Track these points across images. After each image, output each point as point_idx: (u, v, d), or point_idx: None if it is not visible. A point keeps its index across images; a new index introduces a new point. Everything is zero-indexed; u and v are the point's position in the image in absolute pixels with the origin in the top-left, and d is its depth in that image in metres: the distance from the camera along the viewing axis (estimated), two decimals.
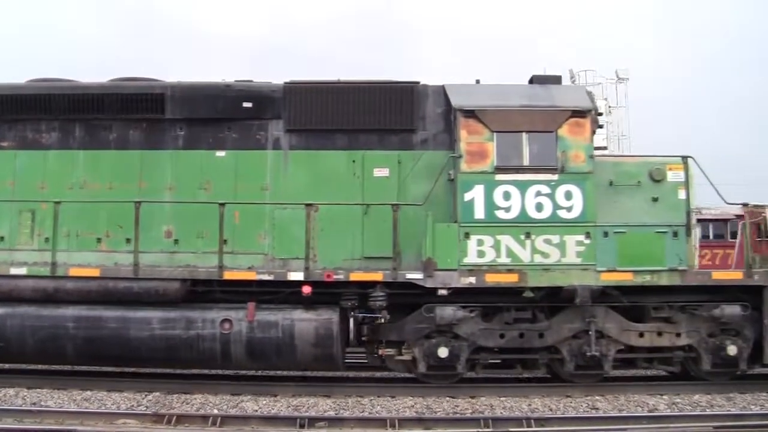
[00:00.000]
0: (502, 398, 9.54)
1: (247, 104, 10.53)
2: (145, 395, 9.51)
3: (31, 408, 8.79)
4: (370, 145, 10.58)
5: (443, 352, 9.99)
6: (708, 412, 8.92)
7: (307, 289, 9.87)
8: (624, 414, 8.87)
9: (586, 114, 10.23)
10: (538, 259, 9.97)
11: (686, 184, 10.59)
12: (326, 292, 10.03)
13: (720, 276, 10.34)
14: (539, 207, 10.02)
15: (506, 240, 9.97)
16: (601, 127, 11.36)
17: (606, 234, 10.06)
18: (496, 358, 10.47)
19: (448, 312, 9.95)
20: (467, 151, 10.07)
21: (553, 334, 10.21)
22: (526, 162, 10.10)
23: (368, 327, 10.40)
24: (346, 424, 8.29)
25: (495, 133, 10.09)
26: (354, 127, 10.58)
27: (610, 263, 10.01)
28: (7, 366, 11.14)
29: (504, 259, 9.96)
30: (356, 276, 9.95)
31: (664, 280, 10.10)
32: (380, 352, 10.31)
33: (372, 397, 9.55)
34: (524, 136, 10.13)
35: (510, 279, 9.94)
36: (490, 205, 9.98)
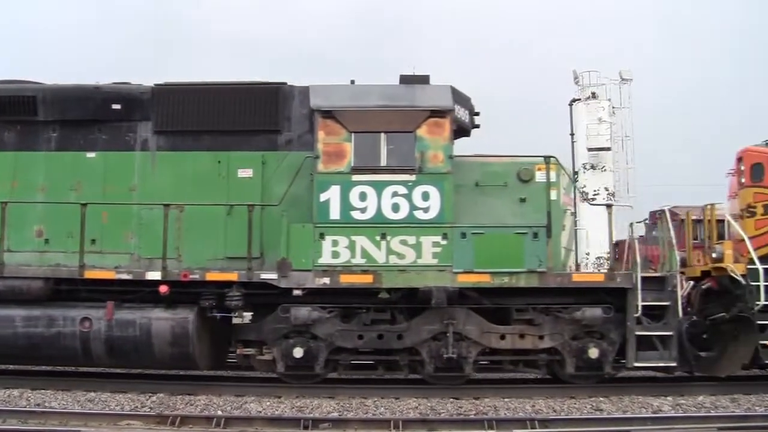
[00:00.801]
0: (506, 399, 9.54)
1: (116, 106, 10.70)
2: (149, 396, 9.56)
3: (35, 409, 8.83)
4: (235, 146, 10.66)
5: (298, 352, 10.01)
6: (712, 413, 8.85)
7: (163, 288, 9.98)
8: (628, 415, 8.83)
9: (446, 114, 10.16)
10: (394, 260, 9.93)
11: (557, 184, 10.48)
12: (188, 292, 10.14)
13: (580, 278, 10.21)
14: (395, 208, 9.98)
15: (361, 241, 9.95)
16: (477, 127, 11.15)
17: (464, 235, 9.97)
18: (355, 359, 10.46)
19: (302, 312, 9.97)
20: (324, 152, 10.08)
21: (412, 335, 10.16)
22: (383, 162, 10.08)
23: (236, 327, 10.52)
24: (350, 426, 8.30)
25: (353, 134, 10.09)
26: (220, 128, 10.68)
27: (467, 265, 9.93)
28: (11, 367, 11.37)
29: (359, 260, 9.94)
30: (212, 276, 10.04)
31: (523, 282, 9.99)
32: (238, 351, 10.38)
33: (376, 399, 9.55)
34: (382, 136, 10.10)
35: (364, 280, 9.93)
36: (346, 206, 9.98)
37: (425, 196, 10.01)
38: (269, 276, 9.95)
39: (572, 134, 24.58)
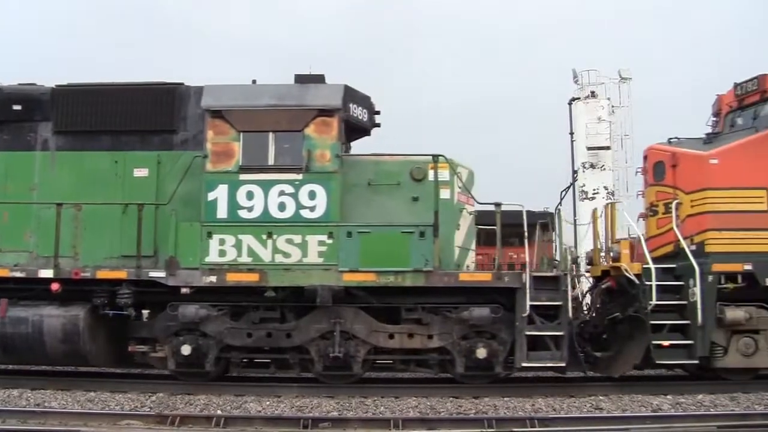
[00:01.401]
0: (505, 398, 9.55)
1: (16, 107, 10.85)
2: (149, 396, 9.60)
3: (35, 409, 8.84)
4: (131, 146, 10.76)
5: (186, 349, 10.10)
6: (712, 411, 8.82)
7: (55, 286, 10.14)
8: (627, 414, 8.81)
9: (334, 113, 10.19)
10: (279, 258, 9.99)
11: (449, 183, 10.46)
12: (82, 290, 10.27)
13: (467, 278, 10.14)
14: (282, 207, 10.04)
15: (248, 239, 10.02)
16: (378, 125, 11.18)
17: (350, 234, 9.99)
18: (246, 357, 10.52)
19: (190, 310, 10.05)
20: (213, 151, 10.17)
21: (300, 334, 10.20)
22: (271, 161, 10.14)
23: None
24: (350, 425, 8.30)
25: (241, 133, 10.16)
26: (117, 128, 10.78)
27: (353, 263, 9.95)
28: (11, 367, 11.49)
29: (245, 259, 10.01)
30: (102, 274, 10.17)
31: (409, 282, 9.99)
32: (129, 348, 10.49)
33: (376, 398, 9.57)
34: (270, 135, 10.17)
35: (250, 278, 10.00)
36: (233, 205, 10.06)
37: (312, 195, 10.06)
38: (158, 274, 10.07)
39: (572, 133, 24.63)
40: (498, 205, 10.23)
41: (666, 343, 10.24)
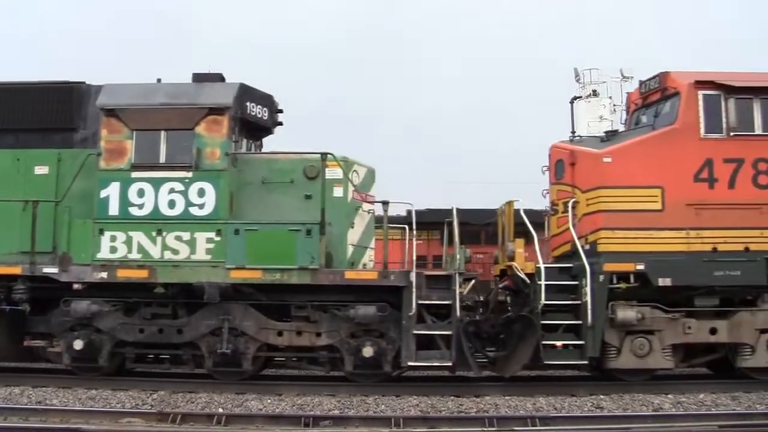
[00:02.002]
0: (506, 397, 9.56)
1: None
2: (150, 394, 9.64)
3: (36, 407, 8.87)
4: (33, 144, 10.90)
5: (78, 344, 10.24)
6: (713, 411, 8.81)
7: None
8: (629, 413, 8.82)
9: (224, 111, 10.28)
10: (168, 255, 10.10)
11: (342, 181, 10.49)
12: None
13: (353, 276, 10.15)
14: (172, 204, 10.15)
15: (138, 236, 10.15)
16: (281, 124, 11.29)
17: (237, 231, 10.07)
18: (141, 352, 10.64)
19: (82, 306, 10.19)
20: (106, 149, 10.31)
21: (191, 330, 10.30)
22: (162, 160, 10.24)
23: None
24: (351, 423, 8.30)
25: (134, 132, 10.29)
26: (19, 126, 10.96)
27: (240, 261, 10.02)
28: (13, 365, 11.48)
29: (135, 255, 10.14)
30: None
31: (295, 279, 10.04)
32: (25, 343, 10.66)
33: (376, 396, 9.58)
34: (162, 134, 10.28)
35: (140, 275, 10.12)
36: (125, 202, 10.19)
37: (201, 193, 10.16)
38: (51, 270, 10.23)
39: (573, 132, 24.49)
40: (386, 203, 10.25)
41: (559, 343, 10.19)
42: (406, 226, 11.29)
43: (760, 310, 10.43)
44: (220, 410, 8.78)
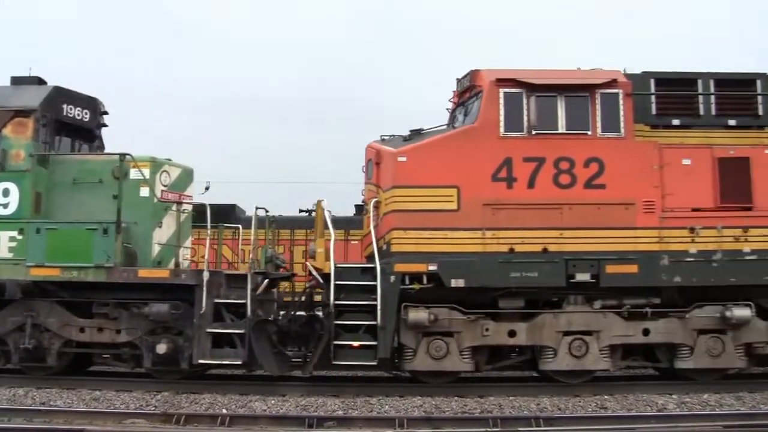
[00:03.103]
0: (510, 398, 9.59)
1: None
2: (154, 395, 9.72)
3: (41, 408, 8.94)
4: None
5: None
6: (717, 411, 8.83)
7: None
8: (633, 413, 8.85)
9: (30, 114, 10.59)
10: None
11: (147, 181, 10.67)
12: None
13: (146, 274, 10.31)
14: None
15: None
16: (105, 126, 11.60)
17: (38, 230, 10.34)
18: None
19: None
20: None
21: None
22: None
23: None
24: (355, 424, 8.32)
25: None
26: None
27: (40, 259, 10.30)
28: (17, 366, 11.30)
29: None
30: None
31: (91, 277, 10.27)
32: None
33: (380, 397, 9.64)
34: None
35: None
36: None
37: (6, 193, 10.49)
38: None
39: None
40: (203, 205, 10.58)
41: (356, 343, 10.14)
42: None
43: (563, 312, 10.21)
44: (224, 411, 8.85)
